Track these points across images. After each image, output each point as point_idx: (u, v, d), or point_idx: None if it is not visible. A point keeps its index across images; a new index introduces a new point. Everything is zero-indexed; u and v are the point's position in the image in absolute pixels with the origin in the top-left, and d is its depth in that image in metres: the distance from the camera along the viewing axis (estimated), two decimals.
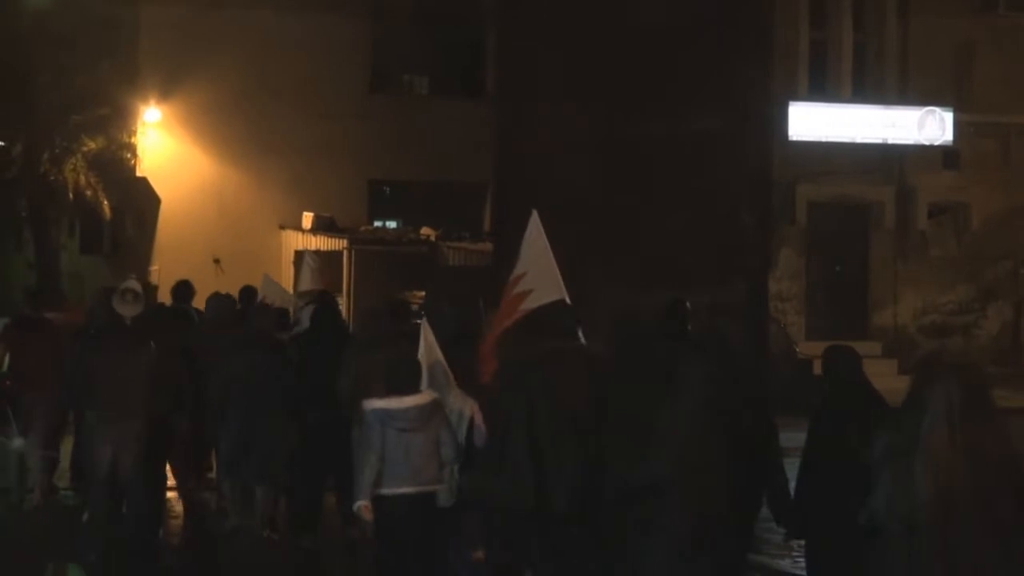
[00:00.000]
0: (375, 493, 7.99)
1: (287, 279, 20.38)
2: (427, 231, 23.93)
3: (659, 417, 6.80)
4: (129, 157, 24.45)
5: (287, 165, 24.28)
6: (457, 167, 23.71)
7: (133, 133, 24.42)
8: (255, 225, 24.37)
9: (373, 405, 8.09)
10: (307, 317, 11.78)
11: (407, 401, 8.03)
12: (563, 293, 8.76)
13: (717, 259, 13.09)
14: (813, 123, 23.76)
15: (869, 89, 24.72)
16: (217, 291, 12.93)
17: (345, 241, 22.89)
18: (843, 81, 24.47)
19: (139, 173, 24.48)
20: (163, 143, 24.49)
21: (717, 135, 13.01)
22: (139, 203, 24.60)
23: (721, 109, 13.05)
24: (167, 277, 20.55)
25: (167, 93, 24.04)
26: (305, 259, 15.42)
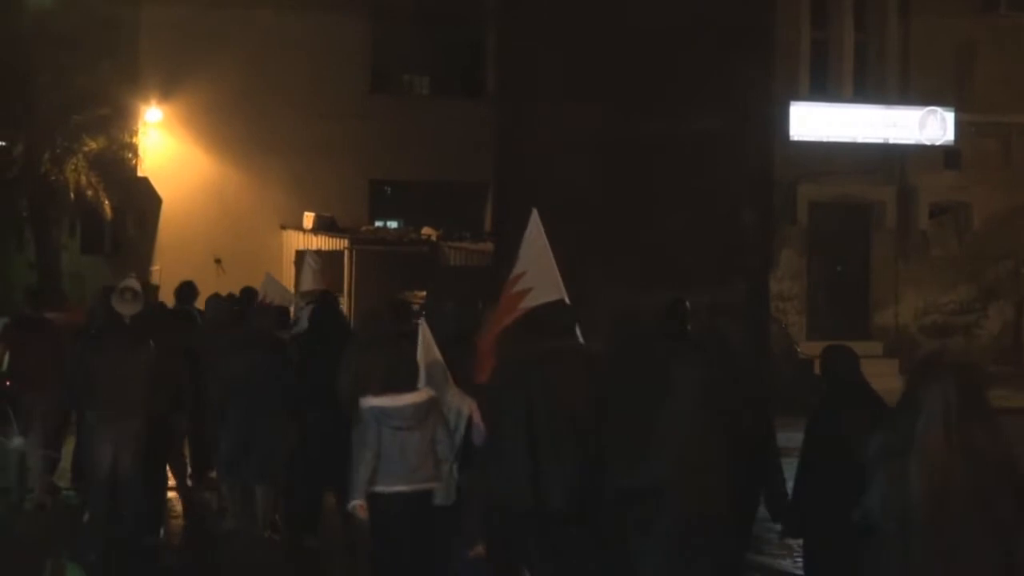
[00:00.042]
0: (370, 491, 7.99)
1: (288, 279, 20.38)
2: (428, 231, 23.92)
3: (658, 417, 6.80)
4: (130, 157, 24.45)
5: (288, 165, 24.27)
6: (458, 167, 23.72)
7: (134, 133, 24.42)
8: (256, 225, 24.36)
9: (370, 403, 8.09)
10: (306, 317, 11.80)
11: (403, 399, 8.02)
12: (562, 292, 8.75)
13: (717, 259, 13.12)
14: (814, 123, 23.71)
15: (870, 89, 24.67)
16: (216, 292, 12.97)
17: (346, 241, 22.88)
18: (844, 81, 24.43)
19: (140, 173, 24.49)
20: (164, 143, 24.49)
21: (717, 135, 13.03)
22: (140, 203, 24.61)
23: (721, 109, 13.07)
24: (168, 277, 20.56)
25: (168, 93, 24.05)
26: (306, 259, 15.42)
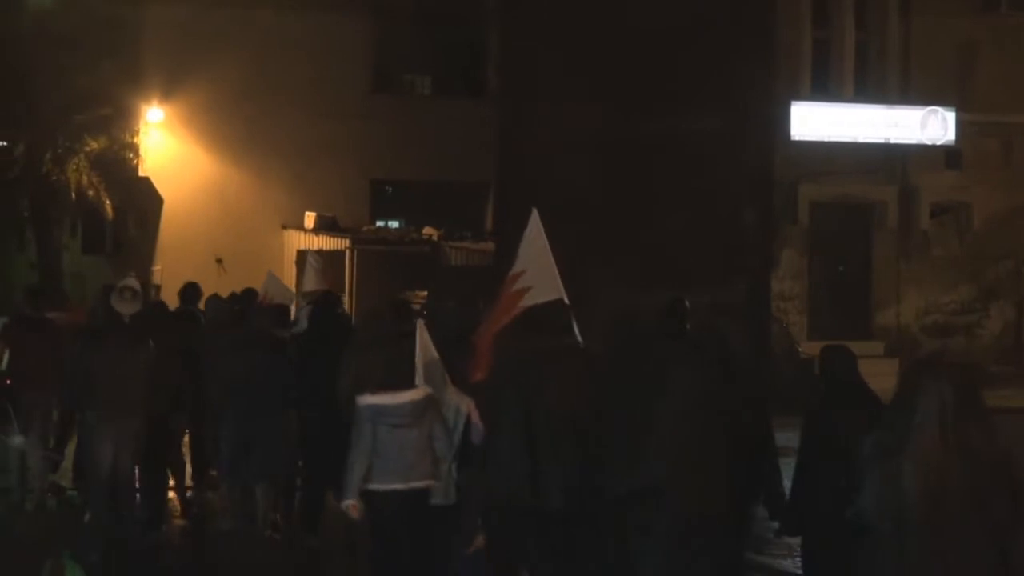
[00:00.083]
0: (366, 489, 7.98)
1: (290, 279, 20.40)
2: (429, 231, 23.93)
3: (657, 417, 6.80)
4: (131, 157, 24.49)
5: (289, 165, 24.29)
6: (459, 167, 23.73)
7: (135, 133, 24.45)
8: (257, 225, 24.37)
9: (366, 401, 8.08)
10: (305, 317, 11.79)
11: (400, 397, 8.01)
12: (561, 292, 8.74)
13: (718, 259, 13.10)
14: (815, 123, 23.71)
15: (871, 89, 24.67)
16: (216, 293, 12.97)
17: (347, 241, 22.88)
18: (845, 81, 24.43)
19: (141, 173, 24.52)
20: (165, 143, 24.51)
21: (717, 135, 13.02)
22: (141, 203, 24.64)
23: (721, 109, 13.06)
24: (169, 277, 20.61)
25: (169, 93, 24.07)
26: (308, 260, 15.39)
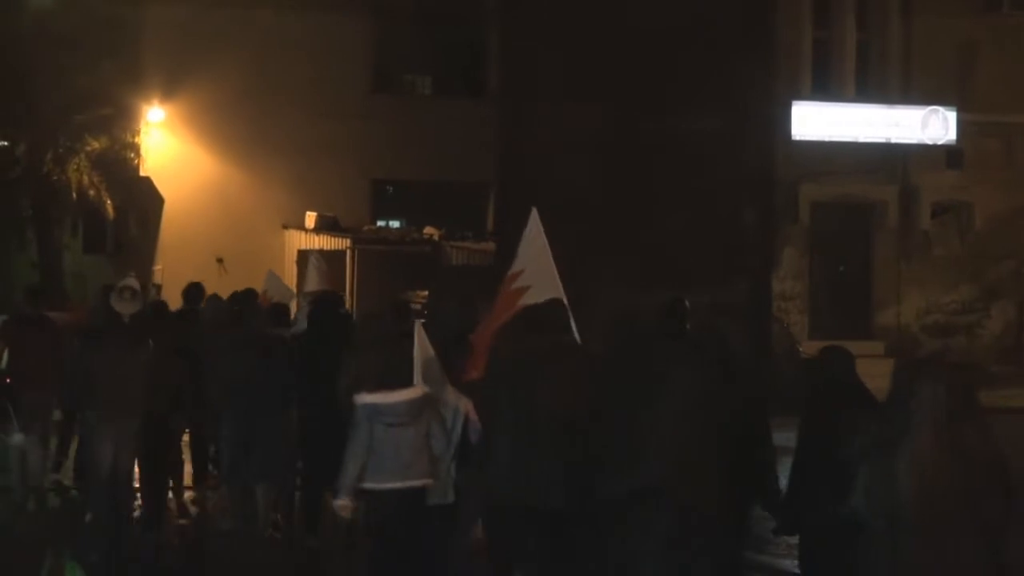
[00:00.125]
0: (362, 488, 7.98)
1: (290, 279, 20.43)
2: (430, 231, 23.93)
3: (656, 417, 6.80)
4: (132, 157, 24.48)
5: (290, 165, 24.28)
6: (460, 167, 23.72)
7: (136, 133, 24.45)
8: (258, 225, 24.37)
9: (363, 400, 8.08)
10: (304, 317, 11.79)
11: (397, 395, 8.00)
12: (560, 291, 8.75)
13: (718, 259, 13.13)
14: (816, 122, 23.71)
15: (872, 88, 24.66)
16: (215, 293, 12.97)
17: (348, 241, 22.87)
18: (846, 80, 24.42)
19: (142, 173, 24.52)
20: (166, 143, 24.52)
21: (717, 135, 13.04)
22: (142, 203, 24.63)
23: (721, 109, 13.08)
24: (170, 277, 20.61)
25: (170, 93, 24.07)
26: (311, 260, 15.40)
